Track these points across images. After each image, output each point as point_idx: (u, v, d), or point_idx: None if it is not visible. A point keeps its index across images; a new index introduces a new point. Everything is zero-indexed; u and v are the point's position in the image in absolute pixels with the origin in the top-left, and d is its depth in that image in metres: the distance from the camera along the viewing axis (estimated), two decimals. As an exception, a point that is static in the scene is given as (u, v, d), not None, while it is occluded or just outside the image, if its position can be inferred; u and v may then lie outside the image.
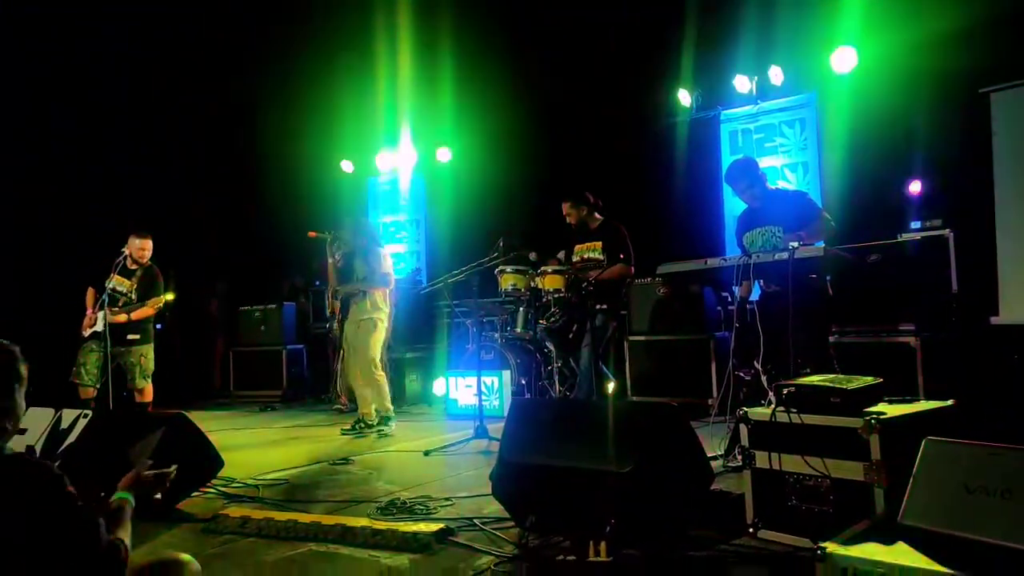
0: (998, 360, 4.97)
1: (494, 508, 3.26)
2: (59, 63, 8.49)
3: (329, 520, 3.22)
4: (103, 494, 2.12)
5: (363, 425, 5.92)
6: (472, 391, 6.44)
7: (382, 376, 5.87)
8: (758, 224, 4.27)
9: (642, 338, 6.39)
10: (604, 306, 5.26)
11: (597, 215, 5.58)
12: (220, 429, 6.04)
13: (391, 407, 5.88)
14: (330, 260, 6.26)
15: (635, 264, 5.53)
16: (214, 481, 3.97)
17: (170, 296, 6.11)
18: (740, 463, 3.06)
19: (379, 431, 5.71)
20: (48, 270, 8.37)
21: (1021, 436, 4.14)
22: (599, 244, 5.44)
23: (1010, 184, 5.46)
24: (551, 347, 5.97)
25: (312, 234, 6.43)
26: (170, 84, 9.15)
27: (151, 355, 6.12)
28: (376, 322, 5.86)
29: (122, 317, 5.88)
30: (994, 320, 5.27)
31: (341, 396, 7.28)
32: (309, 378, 8.80)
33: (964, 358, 4.92)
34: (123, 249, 6.03)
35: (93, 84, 8.80)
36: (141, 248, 6.07)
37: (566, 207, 5.55)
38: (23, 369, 1.78)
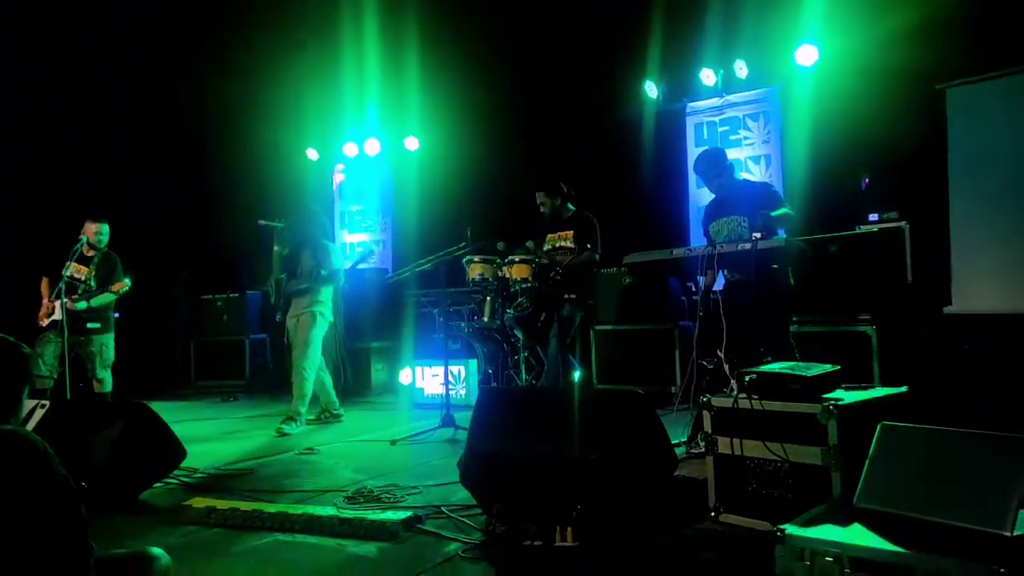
0: (951, 348, 5.12)
1: (462, 496, 3.29)
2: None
3: (295, 510, 3.22)
4: None
5: (328, 414, 5.91)
6: (439, 380, 6.45)
7: (309, 375, 5.57)
8: (724, 214, 4.34)
9: (608, 327, 6.45)
10: (572, 296, 5.29)
11: (570, 205, 5.62)
12: (182, 420, 5.94)
13: (303, 411, 5.53)
14: (276, 248, 5.92)
15: (601, 253, 5.58)
16: (176, 472, 3.92)
17: (128, 281, 5.97)
18: (703, 449, 3.13)
19: (280, 429, 5.35)
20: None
21: (970, 420, 4.30)
22: (571, 233, 5.48)
23: (963, 178, 5.62)
24: (519, 336, 5.99)
25: (262, 222, 6.08)
26: (134, 69, 8.96)
27: (111, 344, 6.01)
28: (316, 316, 5.63)
29: (83, 304, 5.76)
30: (947, 310, 5.43)
31: None
32: (273, 368, 8.70)
33: (918, 346, 5.07)
34: (80, 235, 5.91)
35: (57, 67, 8.58)
36: (97, 232, 5.96)
37: (540, 196, 5.57)
38: (31, 368, 1.78)
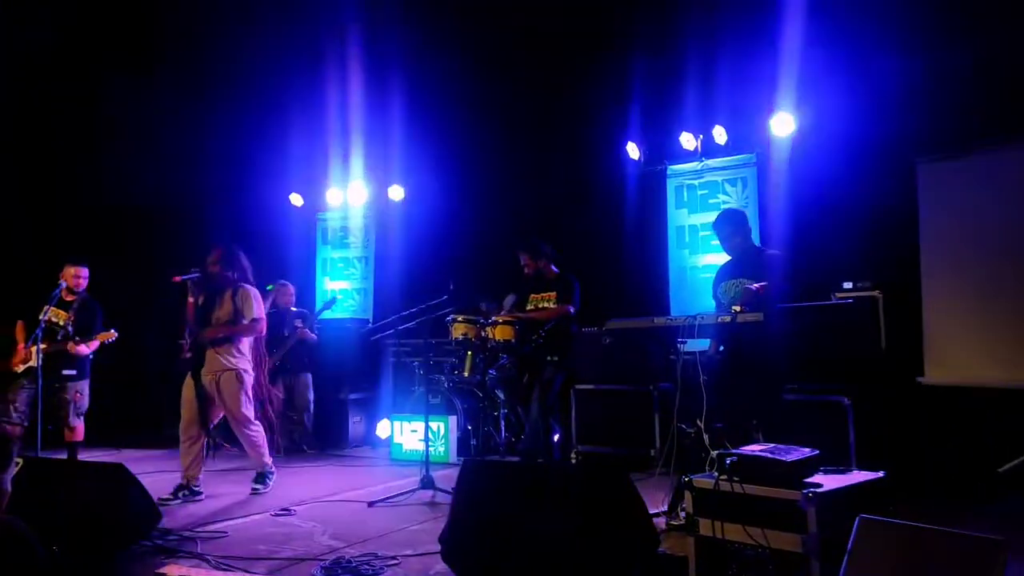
0: (924, 419, 5.23)
1: (441, 567, 3.27)
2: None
3: (273, 581, 3.18)
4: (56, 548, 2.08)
5: (187, 492, 4.99)
6: (417, 436, 6.43)
7: (257, 430, 5.19)
8: (733, 276, 4.44)
9: (588, 387, 6.45)
10: (555, 358, 5.35)
11: (553, 267, 5.73)
12: (156, 471, 5.85)
13: (269, 461, 5.26)
14: (190, 299, 5.24)
15: (580, 312, 5.68)
16: (151, 533, 3.86)
17: (115, 332, 5.94)
18: (682, 521, 3.17)
19: (254, 489, 5.16)
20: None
21: (940, 498, 4.38)
22: (553, 295, 5.59)
23: (934, 250, 5.79)
24: (500, 395, 6.02)
25: (177, 279, 5.25)
26: (119, 110, 8.98)
27: (86, 392, 5.96)
28: (240, 374, 5.11)
29: (76, 346, 5.74)
30: (920, 380, 5.55)
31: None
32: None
33: (892, 417, 5.16)
34: (60, 280, 5.88)
35: (34, 109, 8.60)
36: (76, 276, 5.94)
37: (524, 258, 5.69)
38: (10, 450, 1.78)
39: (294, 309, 7.61)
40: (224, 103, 9.26)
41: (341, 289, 9.48)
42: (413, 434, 6.56)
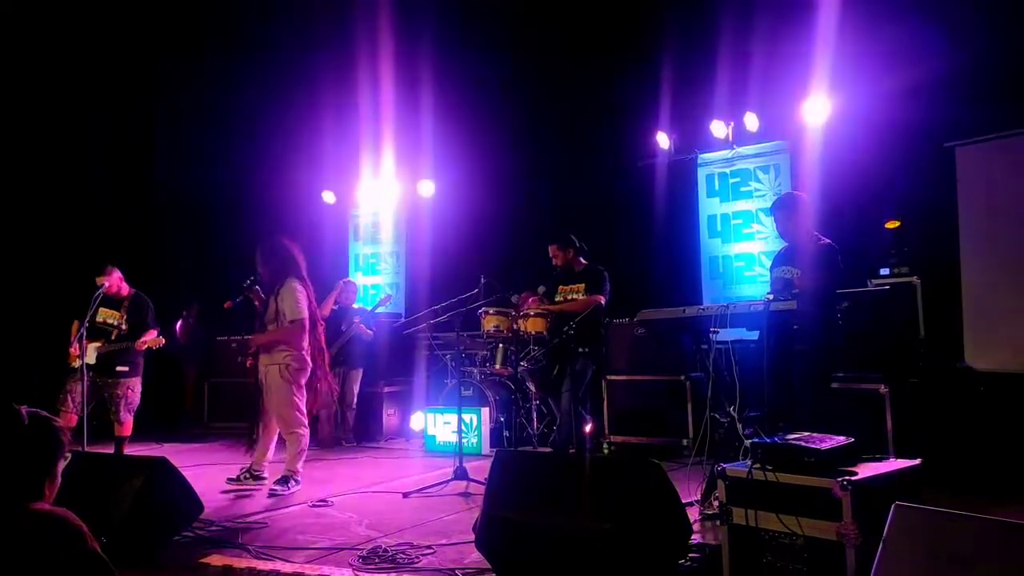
0: (963, 406, 5.13)
1: (476, 556, 3.31)
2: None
3: (312, 570, 3.25)
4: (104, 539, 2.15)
5: (247, 476, 5.23)
6: (451, 428, 6.49)
7: (303, 434, 5.09)
8: (786, 263, 4.42)
9: (621, 378, 6.46)
10: (586, 349, 5.36)
11: (582, 259, 5.74)
12: (196, 464, 5.99)
13: (299, 468, 5.11)
14: (256, 304, 5.28)
15: (611, 303, 5.68)
16: (193, 524, 3.97)
17: (163, 339, 6.10)
18: (716, 511, 3.16)
19: (272, 490, 4.96)
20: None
21: (979, 486, 4.30)
22: (582, 286, 5.60)
23: (974, 234, 5.68)
24: (531, 387, 6.03)
25: (228, 305, 5.40)
26: (155, 110, 9.19)
27: (138, 388, 6.10)
28: (285, 367, 5.00)
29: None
30: (959, 366, 5.44)
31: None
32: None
33: (930, 404, 5.07)
34: (102, 285, 6.02)
35: (76, 112, 8.83)
36: (108, 283, 6.06)
37: (553, 249, 5.70)
38: (64, 440, 1.85)
39: (355, 306, 7.70)
40: (258, 103, 9.40)
41: (374, 284, 9.59)
42: (446, 426, 6.62)
